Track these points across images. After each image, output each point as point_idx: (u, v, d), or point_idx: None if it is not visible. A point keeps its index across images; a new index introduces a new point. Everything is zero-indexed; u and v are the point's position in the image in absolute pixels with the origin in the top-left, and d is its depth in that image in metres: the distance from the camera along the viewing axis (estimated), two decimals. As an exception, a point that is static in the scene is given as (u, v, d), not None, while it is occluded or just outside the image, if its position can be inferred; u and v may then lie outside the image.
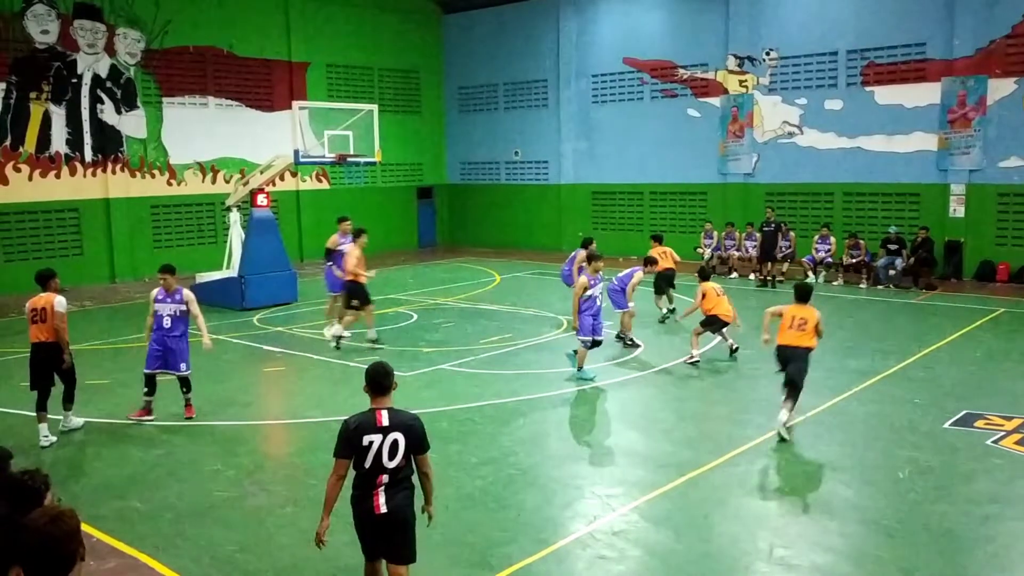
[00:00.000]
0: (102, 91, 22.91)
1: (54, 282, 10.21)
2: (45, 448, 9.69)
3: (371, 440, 5.18)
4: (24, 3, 21.34)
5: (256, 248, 18.53)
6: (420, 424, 5.36)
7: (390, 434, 5.20)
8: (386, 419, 5.23)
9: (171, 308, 10.59)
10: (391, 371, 5.39)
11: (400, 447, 5.23)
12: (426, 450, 5.38)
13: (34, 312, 9.94)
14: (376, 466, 5.21)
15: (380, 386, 5.32)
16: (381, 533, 5.33)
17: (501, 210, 30.35)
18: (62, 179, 22.24)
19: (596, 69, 27.54)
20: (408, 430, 5.26)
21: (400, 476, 5.29)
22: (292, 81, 26.59)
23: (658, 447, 9.45)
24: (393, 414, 5.28)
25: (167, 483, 8.51)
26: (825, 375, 12.19)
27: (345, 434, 5.23)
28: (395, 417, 5.27)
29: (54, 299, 9.94)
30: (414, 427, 5.30)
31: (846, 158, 22.65)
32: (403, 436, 5.23)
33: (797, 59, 23.29)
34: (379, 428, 5.20)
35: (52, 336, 9.91)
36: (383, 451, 5.20)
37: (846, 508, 7.65)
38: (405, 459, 5.28)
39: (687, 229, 25.30)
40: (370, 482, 5.24)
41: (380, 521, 5.27)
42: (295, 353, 14.24)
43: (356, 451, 5.20)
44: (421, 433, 5.33)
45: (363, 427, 5.20)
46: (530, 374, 12.62)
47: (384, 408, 5.28)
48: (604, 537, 7.07)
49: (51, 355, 9.91)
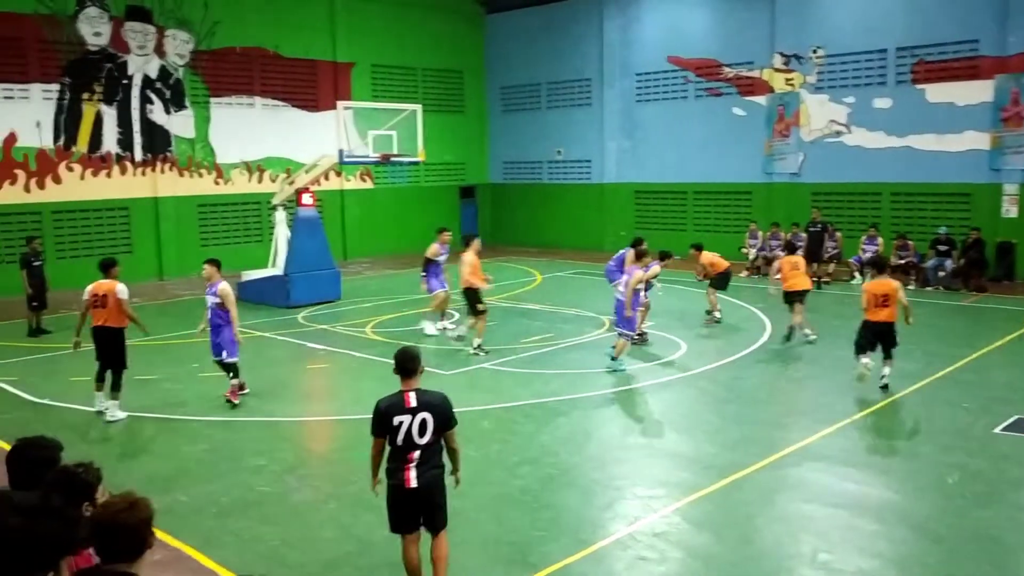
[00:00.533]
0: (152, 91, 23.34)
1: (115, 270, 10.93)
2: (97, 412, 10.63)
3: (401, 420, 5.61)
4: (77, 6, 21.81)
5: (301, 247, 18.74)
6: (447, 403, 5.77)
7: (418, 414, 5.63)
8: (414, 400, 5.66)
9: (210, 300, 11.22)
10: (417, 355, 5.84)
11: (429, 425, 5.63)
12: (453, 427, 5.80)
13: (95, 297, 10.64)
14: (407, 443, 5.63)
15: (407, 369, 5.76)
16: (413, 505, 5.74)
17: (543, 209, 30.32)
18: (113, 178, 22.70)
19: (640, 68, 27.38)
20: (435, 409, 5.68)
21: (430, 453, 5.70)
22: (337, 81, 26.83)
23: (701, 449, 9.36)
24: (420, 395, 5.70)
25: (212, 477, 8.64)
26: (873, 378, 12.00)
27: (377, 415, 5.69)
28: (422, 398, 5.69)
29: (116, 287, 10.63)
30: (441, 406, 5.71)
31: (895, 157, 22.24)
32: (431, 415, 5.64)
33: (845, 57, 22.93)
34: (408, 409, 5.63)
35: (111, 321, 10.61)
36: (413, 429, 5.62)
37: (892, 513, 7.52)
38: (434, 436, 5.67)
39: (731, 229, 25.04)
40: (402, 457, 5.66)
41: (411, 494, 5.68)
42: (338, 351, 14.37)
43: (388, 430, 5.64)
44: (448, 412, 5.74)
45: (393, 408, 5.65)
46: (571, 374, 12.59)
47: (412, 390, 5.70)
48: (645, 538, 7.03)
49: (110, 338, 10.63)
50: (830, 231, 21.32)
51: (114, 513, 3.19)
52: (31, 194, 21.26)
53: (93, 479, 3.76)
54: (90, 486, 3.72)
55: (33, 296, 15.78)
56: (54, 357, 14.11)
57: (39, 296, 15.87)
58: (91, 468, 3.79)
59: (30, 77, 21.15)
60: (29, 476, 3.76)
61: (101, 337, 10.72)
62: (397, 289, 20.86)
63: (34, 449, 3.96)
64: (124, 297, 10.68)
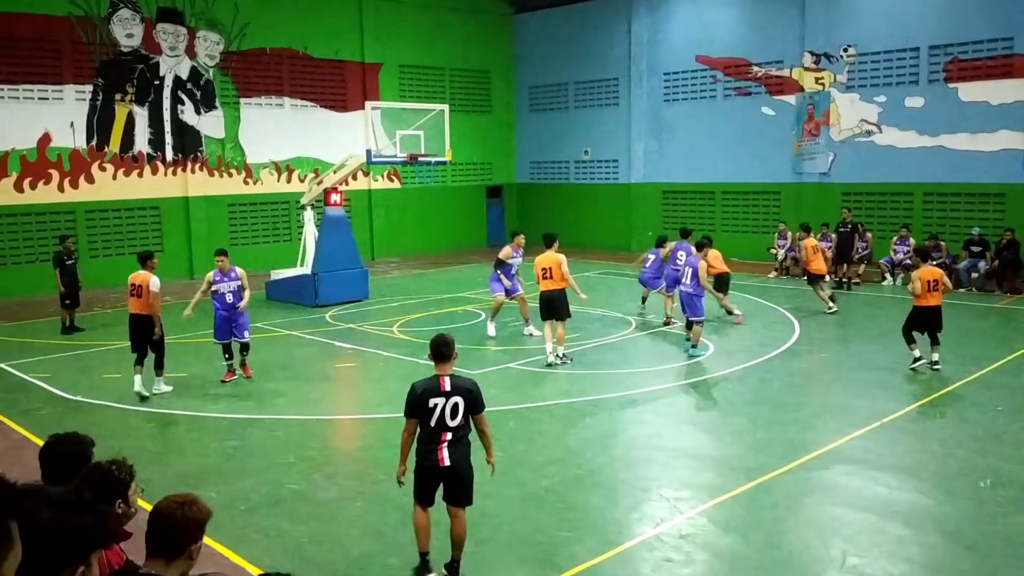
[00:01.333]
0: (183, 92, 23.59)
1: (151, 262, 11.61)
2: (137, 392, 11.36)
3: (435, 402, 6.00)
4: (110, 8, 22.09)
5: (329, 246, 18.86)
6: (477, 388, 6.20)
7: (452, 397, 6.02)
8: (448, 384, 6.05)
9: (231, 285, 12.24)
10: (451, 341, 6.23)
11: (460, 408, 6.05)
12: (482, 410, 6.20)
13: (132, 287, 11.48)
14: (440, 425, 6.03)
15: (441, 355, 6.16)
16: (445, 481, 6.16)
17: (570, 209, 30.25)
18: (144, 178, 22.97)
19: (668, 67, 27.26)
20: (467, 394, 6.09)
21: (460, 434, 6.11)
22: (365, 82, 26.96)
23: (728, 451, 9.30)
24: (454, 380, 6.09)
25: (241, 474, 8.72)
26: (904, 380, 11.90)
27: (412, 398, 6.06)
28: (456, 382, 6.09)
29: (150, 279, 11.29)
30: (472, 391, 6.13)
31: (927, 157, 21.96)
32: (463, 399, 6.05)
33: (876, 55, 22.67)
34: (442, 392, 6.02)
35: (145, 309, 11.33)
36: (446, 412, 6.01)
37: (924, 518, 7.42)
38: (465, 418, 6.10)
39: (760, 230, 24.87)
40: (435, 438, 6.06)
41: (445, 472, 6.10)
42: (366, 349, 14.44)
43: (422, 412, 6.02)
44: (478, 396, 6.16)
45: (428, 391, 6.03)
46: (598, 374, 12.56)
47: (446, 375, 6.08)
48: (671, 540, 7.00)
49: (143, 327, 11.42)
50: (860, 232, 21.09)
51: (170, 503, 3.29)
52: (65, 193, 21.57)
53: (126, 476, 3.80)
54: (123, 483, 3.77)
55: (66, 294, 16.01)
56: (87, 354, 14.31)
57: (72, 294, 16.10)
58: (124, 465, 3.83)
59: (64, 78, 21.46)
60: (62, 472, 3.81)
61: (136, 325, 11.51)
62: (424, 288, 20.94)
63: (67, 445, 4.01)
64: (154, 290, 11.31)
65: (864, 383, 11.88)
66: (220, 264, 12.33)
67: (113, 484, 3.70)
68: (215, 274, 12.29)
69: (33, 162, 21.09)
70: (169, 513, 3.27)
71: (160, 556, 3.22)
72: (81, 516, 2.20)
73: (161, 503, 3.33)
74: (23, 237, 21.06)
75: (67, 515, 2.14)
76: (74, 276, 16.19)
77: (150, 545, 3.25)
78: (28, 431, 10.01)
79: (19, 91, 20.76)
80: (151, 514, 3.28)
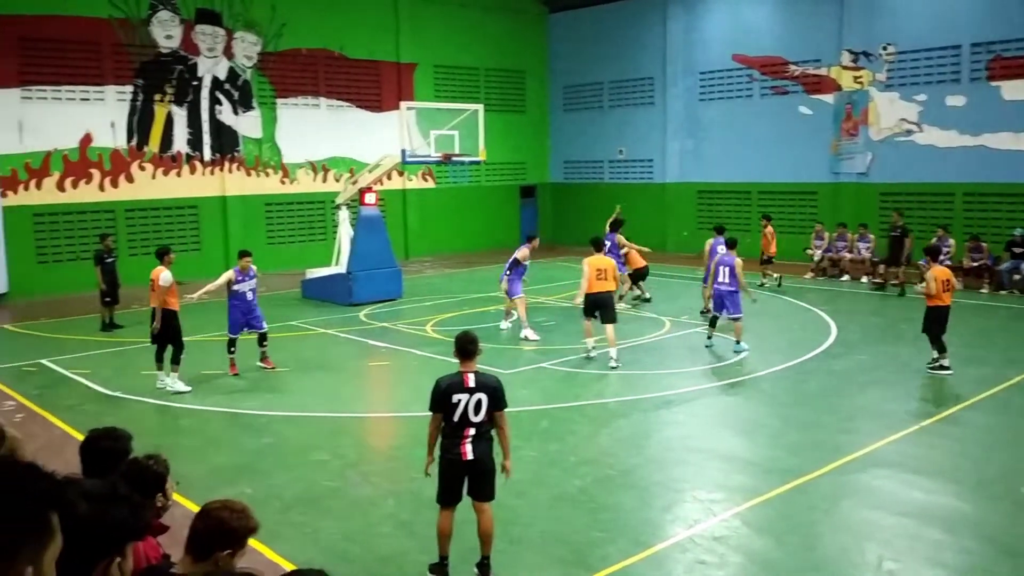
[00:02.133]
0: (220, 93, 23.87)
1: (168, 257, 12.06)
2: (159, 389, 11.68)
3: (459, 398, 6.09)
4: (150, 10, 22.42)
5: (364, 245, 18.97)
6: (501, 386, 6.28)
7: (475, 394, 6.11)
8: (472, 381, 6.14)
9: (252, 284, 12.80)
10: (476, 339, 6.36)
11: (483, 405, 6.13)
12: (504, 408, 6.26)
13: (151, 282, 11.88)
14: (463, 420, 6.11)
15: (466, 352, 6.29)
16: (469, 475, 6.23)
17: (604, 209, 30.06)
18: (183, 177, 23.28)
19: (704, 66, 27.08)
20: (491, 391, 6.17)
21: (483, 429, 6.19)
22: (400, 82, 27.09)
23: (762, 453, 9.22)
24: (478, 377, 6.19)
25: (275, 471, 8.81)
26: (942, 383, 11.71)
27: (437, 393, 6.17)
28: (480, 379, 6.18)
29: (161, 273, 11.65)
30: (496, 388, 6.21)
31: (968, 157, 21.58)
32: (486, 396, 6.13)
33: (916, 53, 22.33)
34: (466, 388, 6.11)
35: (154, 302, 11.73)
36: (469, 408, 6.10)
37: (962, 523, 7.30)
38: (488, 415, 6.16)
39: (796, 230, 24.60)
40: (458, 433, 6.15)
41: (468, 466, 6.18)
42: (399, 348, 14.51)
43: (446, 407, 6.11)
44: (501, 394, 6.24)
45: (452, 387, 6.13)
46: (631, 375, 12.51)
47: (471, 371, 6.19)
48: (704, 542, 6.95)
49: (163, 320, 11.66)
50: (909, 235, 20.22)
51: (217, 504, 3.37)
52: (105, 193, 21.93)
53: (163, 470, 3.87)
54: (160, 477, 3.85)
55: (106, 292, 16.27)
56: (125, 351, 14.52)
57: (112, 292, 16.36)
58: (160, 460, 3.91)
59: (105, 79, 21.81)
60: (101, 467, 3.88)
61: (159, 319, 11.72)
62: (457, 288, 21.00)
63: (106, 441, 4.08)
64: (164, 284, 11.59)
65: (901, 385, 11.72)
66: (244, 264, 12.75)
67: (151, 479, 3.78)
68: (237, 274, 12.68)
69: (75, 162, 21.46)
70: (207, 512, 3.33)
71: (190, 553, 3.27)
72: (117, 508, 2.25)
73: (211, 502, 3.40)
74: (64, 235, 21.44)
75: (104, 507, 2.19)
76: (113, 274, 16.44)
77: (186, 541, 3.32)
78: (69, 426, 10.19)
79: (62, 92, 21.13)
80: (200, 512, 3.36)
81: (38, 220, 20.97)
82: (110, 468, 3.81)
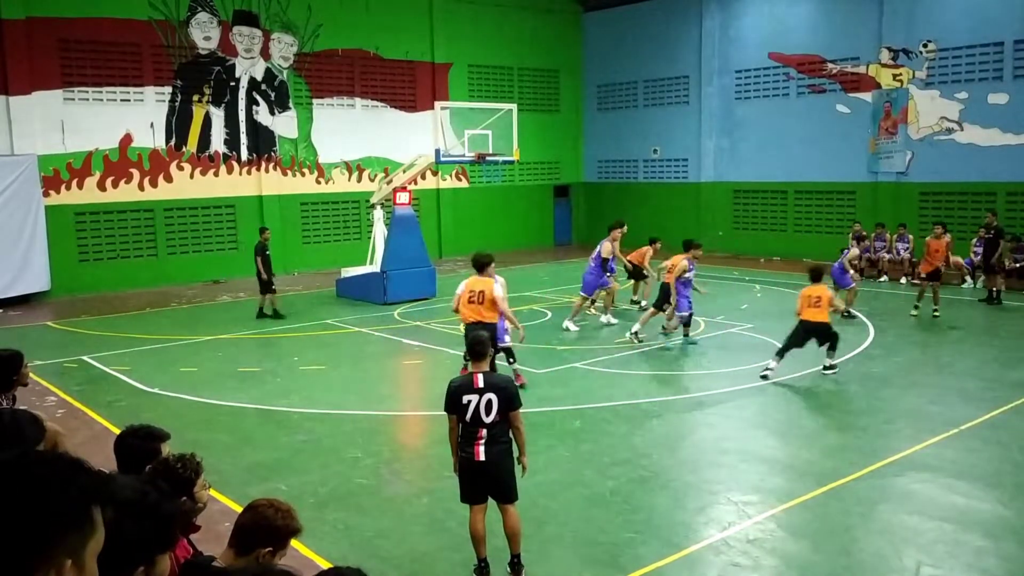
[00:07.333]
0: (257, 93, 24.12)
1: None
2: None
3: (469, 399, 6.09)
4: (189, 12, 22.71)
5: (398, 244, 19.07)
6: (512, 385, 6.30)
7: (485, 394, 6.09)
8: (481, 381, 6.14)
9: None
10: (486, 339, 6.45)
11: (494, 405, 6.09)
12: (517, 408, 6.22)
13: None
14: (475, 421, 6.11)
15: (476, 352, 6.37)
16: (482, 477, 6.22)
17: (638, 209, 29.96)
18: (220, 177, 23.56)
19: (740, 65, 26.85)
20: (500, 391, 6.13)
21: (497, 431, 6.15)
22: (435, 82, 27.19)
23: (798, 455, 9.12)
24: (488, 377, 6.21)
25: (310, 468, 8.88)
26: (983, 387, 11.49)
27: (448, 394, 6.21)
28: (489, 380, 6.19)
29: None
30: (506, 388, 6.18)
31: (1011, 155, 21.17)
32: (496, 396, 6.09)
33: (958, 51, 21.96)
34: (476, 389, 6.11)
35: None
36: (480, 408, 6.08)
37: (1003, 528, 7.16)
38: (500, 415, 6.12)
39: (833, 230, 24.31)
40: (472, 434, 6.16)
41: (480, 467, 6.17)
42: (433, 347, 14.57)
43: (458, 408, 6.13)
44: (512, 393, 6.21)
45: (462, 388, 6.15)
46: (665, 375, 12.44)
47: (481, 372, 6.22)
48: (738, 544, 6.89)
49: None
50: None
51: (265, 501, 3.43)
52: (144, 192, 22.25)
53: (191, 474, 3.81)
54: (188, 481, 3.78)
55: (268, 281, 17.10)
56: (163, 349, 14.72)
57: (271, 280, 17.20)
58: (190, 462, 3.83)
59: (145, 80, 22.13)
60: (133, 464, 3.93)
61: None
62: (491, 287, 20.98)
63: (136, 439, 4.10)
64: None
65: (940, 388, 11.53)
66: None
67: (178, 482, 3.75)
68: None
69: (115, 162, 21.80)
70: (253, 508, 3.41)
71: (233, 547, 3.31)
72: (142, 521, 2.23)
73: (259, 500, 3.48)
74: (105, 234, 21.79)
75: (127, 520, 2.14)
76: (271, 264, 17.34)
77: (231, 534, 3.38)
78: (108, 422, 10.35)
79: (103, 93, 21.48)
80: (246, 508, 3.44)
81: (79, 219, 21.33)
82: (141, 466, 3.86)
